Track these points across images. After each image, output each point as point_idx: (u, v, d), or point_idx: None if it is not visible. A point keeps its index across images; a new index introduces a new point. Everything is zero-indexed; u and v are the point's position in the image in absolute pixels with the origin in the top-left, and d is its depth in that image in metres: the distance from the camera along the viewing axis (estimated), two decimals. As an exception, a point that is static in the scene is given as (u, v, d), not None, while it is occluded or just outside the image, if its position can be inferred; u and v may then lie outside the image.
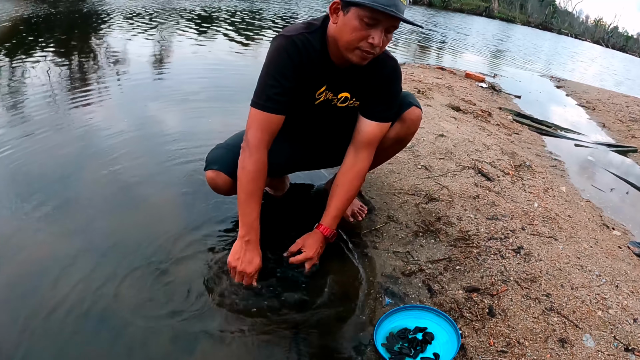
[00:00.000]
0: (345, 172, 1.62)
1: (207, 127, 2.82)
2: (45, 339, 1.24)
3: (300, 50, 1.42)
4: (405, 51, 8.10)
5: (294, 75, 1.43)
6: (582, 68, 12.67)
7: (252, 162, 1.43)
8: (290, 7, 12.50)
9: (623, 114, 5.68)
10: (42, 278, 1.44)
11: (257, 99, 1.44)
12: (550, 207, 2.32)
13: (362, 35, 1.31)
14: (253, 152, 1.43)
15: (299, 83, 1.46)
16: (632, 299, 1.66)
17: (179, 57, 4.96)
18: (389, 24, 1.30)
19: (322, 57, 1.46)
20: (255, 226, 1.46)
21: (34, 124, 2.58)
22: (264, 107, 1.43)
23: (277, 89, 1.42)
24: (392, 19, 1.29)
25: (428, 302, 1.56)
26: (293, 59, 1.41)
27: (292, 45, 1.41)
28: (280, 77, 1.41)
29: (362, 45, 1.33)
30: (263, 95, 1.43)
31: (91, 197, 1.92)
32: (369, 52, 1.34)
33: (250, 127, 1.45)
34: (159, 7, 8.57)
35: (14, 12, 6.49)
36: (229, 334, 1.33)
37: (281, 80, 1.41)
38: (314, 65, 1.45)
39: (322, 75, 1.49)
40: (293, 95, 1.46)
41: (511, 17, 32.31)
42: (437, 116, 3.59)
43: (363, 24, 1.29)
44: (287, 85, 1.42)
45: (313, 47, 1.44)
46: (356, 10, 1.29)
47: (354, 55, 1.36)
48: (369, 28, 1.29)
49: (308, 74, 1.46)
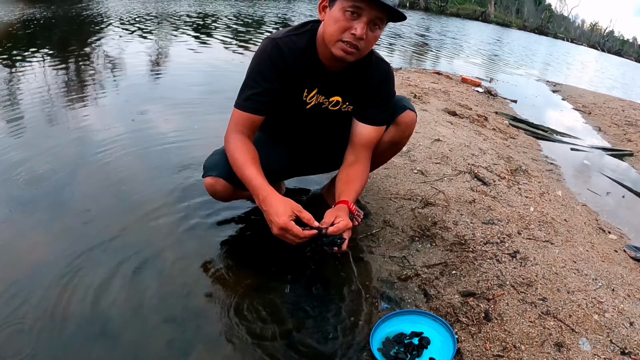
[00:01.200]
0: (349, 166, 1.60)
1: (203, 132, 2.83)
2: (39, 344, 1.23)
3: (283, 52, 1.44)
4: (402, 56, 8.13)
5: (276, 77, 1.45)
6: (578, 72, 12.73)
7: (235, 143, 1.46)
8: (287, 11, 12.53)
9: (619, 117, 5.71)
10: (37, 284, 1.44)
11: (238, 99, 1.50)
12: (546, 211, 2.32)
13: (344, 26, 1.31)
14: (232, 140, 1.47)
15: (285, 84, 1.47)
16: (628, 302, 1.66)
17: (174, 61, 4.96)
18: (373, 15, 1.30)
19: (310, 59, 1.47)
20: (264, 185, 1.36)
21: (26, 124, 2.58)
22: (242, 107, 1.48)
23: (256, 90, 1.46)
24: (375, 9, 1.29)
25: (424, 306, 1.56)
26: (274, 62, 1.43)
27: (275, 47, 1.44)
28: (260, 78, 1.45)
29: (344, 37, 1.33)
30: (243, 95, 1.48)
31: (84, 202, 1.92)
32: (351, 45, 1.33)
33: (230, 124, 1.51)
34: (154, 11, 8.59)
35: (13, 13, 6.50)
36: (224, 339, 1.32)
37: (261, 81, 1.45)
38: (301, 67, 1.47)
39: (312, 77, 1.50)
40: (275, 96, 1.48)
41: (507, 22, 32.48)
42: (433, 121, 3.60)
43: (346, 14, 1.30)
44: (267, 87, 1.45)
45: (299, 48, 1.45)
46: (340, 2, 1.30)
47: (336, 48, 1.35)
48: (352, 19, 1.30)
49: (295, 76, 1.47)
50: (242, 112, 1.48)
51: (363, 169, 1.61)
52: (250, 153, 1.45)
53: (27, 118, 2.79)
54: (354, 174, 1.58)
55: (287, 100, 1.52)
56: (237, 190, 1.61)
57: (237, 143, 1.46)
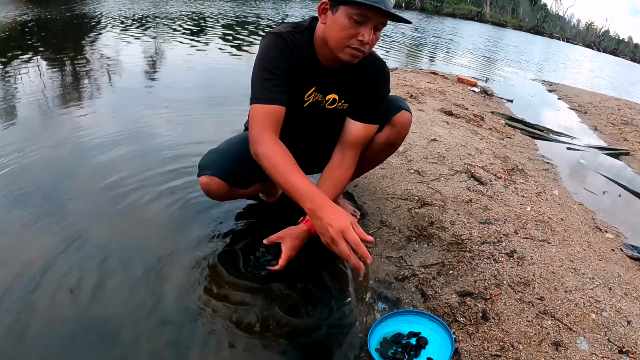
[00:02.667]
0: (332, 169, 1.60)
1: (199, 133, 2.82)
2: (32, 347, 1.22)
3: (289, 45, 1.42)
4: (398, 56, 8.14)
5: (288, 68, 1.42)
6: (573, 72, 12.77)
7: (271, 146, 1.35)
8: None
9: (615, 117, 5.72)
10: (33, 284, 1.43)
11: (257, 95, 1.40)
12: (543, 210, 2.32)
13: (351, 33, 1.32)
14: (265, 142, 1.36)
15: (291, 79, 1.45)
16: (626, 301, 1.66)
17: (171, 63, 4.95)
18: (378, 21, 1.31)
19: (310, 57, 1.47)
20: (317, 193, 1.28)
21: (23, 130, 2.57)
22: (266, 100, 1.38)
23: (275, 81, 1.39)
24: (380, 15, 1.29)
25: (421, 306, 1.55)
26: (285, 53, 1.41)
27: (282, 40, 1.42)
28: (275, 69, 1.39)
29: (352, 43, 1.33)
30: (262, 90, 1.39)
31: (80, 205, 1.91)
32: (359, 50, 1.35)
33: (254, 125, 1.39)
34: (150, 13, 8.57)
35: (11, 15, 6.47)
36: (221, 341, 1.31)
37: (277, 72, 1.40)
38: (302, 64, 1.46)
39: (310, 75, 1.50)
40: (288, 88, 1.44)
41: (503, 22, 32.58)
42: (430, 121, 3.60)
43: (352, 21, 1.30)
44: (283, 77, 1.41)
45: (301, 46, 1.45)
46: (345, 9, 1.30)
47: (344, 54, 1.36)
48: (359, 26, 1.30)
49: (297, 72, 1.46)
50: (266, 105, 1.38)
51: (344, 171, 1.59)
52: (290, 157, 1.35)
53: (20, 120, 2.78)
54: (332, 179, 1.58)
55: (289, 97, 1.51)
56: (233, 188, 1.60)
57: (274, 146, 1.36)
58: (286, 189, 1.31)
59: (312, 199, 1.26)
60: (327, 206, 1.25)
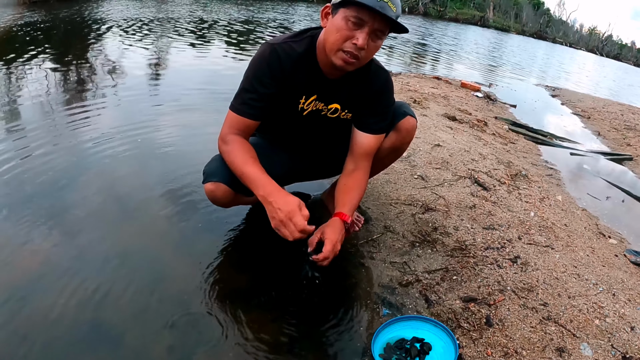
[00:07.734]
0: (349, 174, 1.62)
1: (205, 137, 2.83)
2: (38, 351, 1.23)
3: (281, 58, 1.43)
4: (401, 61, 8.16)
5: (273, 83, 1.45)
6: (577, 77, 12.76)
7: (233, 144, 1.46)
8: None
9: (618, 122, 5.72)
10: (38, 288, 1.44)
11: (234, 102, 1.50)
12: (547, 216, 2.33)
13: (346, 36, 1.31)
14: (229, 140, 1.47)
15: (281, 91, 1.47)
16: (629, 307, 1.66)
17: (174, 66, 4.98)
18: (375, 26, 1.30)
19: (308, 65, 1.47)
20: (269, 181, 1.38)
21: (26, 133, 2.59)
22: (238, 111, 1.48)
23: (252, 95, 1.46)
24: (377, 20, 1.29)
25: (425, 312, 1.56)
26: (272, 67, 1.43)
27: (273, 53, 1.43)
28: (257, 83, 1.45)
29: (345, 46, 1.33)
30: (239, 99, 1.48)
31: (85, 209, 1.92)
32: (352, 55, 1.34)
33: (224, 126, 1.51)
34: (153, 16, 8.62)
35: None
36: (226, 345, 1.32)
37: (257, 86, 1.45)
38: (298, 73, 1.47)
39: (310, 84, 1.50)
40: (271, 102, 1.48)
41: (506, 26, 32.55)
42: (433, 126, 3.61)
43: (348, 24, 1.30)
44: (263, 92, 1.45)
45: (297, 54, 1.45)
46: (343, 11, 1.30)
47: (337, 57, 1.36)
48: (354, 29, 1.30)
49: (292, 82, 1.47)
50: (238, 115, 1.48)
51: (362, 177, 1.62)
52: (249, 152, 1.46)
53: (23, 124, 2.80)
54: (353, 183, 1.60)
55: (283, 106, 1.53)
56: (238, 195, 1.61)
57: (235, 144, 1.47)
58: (242, 179, 1.43)
59: (264, 186, 1.37)
60: (277, 193, 1.35)
